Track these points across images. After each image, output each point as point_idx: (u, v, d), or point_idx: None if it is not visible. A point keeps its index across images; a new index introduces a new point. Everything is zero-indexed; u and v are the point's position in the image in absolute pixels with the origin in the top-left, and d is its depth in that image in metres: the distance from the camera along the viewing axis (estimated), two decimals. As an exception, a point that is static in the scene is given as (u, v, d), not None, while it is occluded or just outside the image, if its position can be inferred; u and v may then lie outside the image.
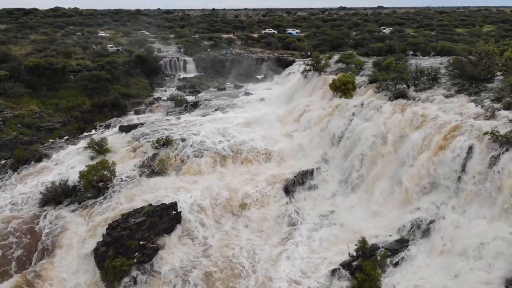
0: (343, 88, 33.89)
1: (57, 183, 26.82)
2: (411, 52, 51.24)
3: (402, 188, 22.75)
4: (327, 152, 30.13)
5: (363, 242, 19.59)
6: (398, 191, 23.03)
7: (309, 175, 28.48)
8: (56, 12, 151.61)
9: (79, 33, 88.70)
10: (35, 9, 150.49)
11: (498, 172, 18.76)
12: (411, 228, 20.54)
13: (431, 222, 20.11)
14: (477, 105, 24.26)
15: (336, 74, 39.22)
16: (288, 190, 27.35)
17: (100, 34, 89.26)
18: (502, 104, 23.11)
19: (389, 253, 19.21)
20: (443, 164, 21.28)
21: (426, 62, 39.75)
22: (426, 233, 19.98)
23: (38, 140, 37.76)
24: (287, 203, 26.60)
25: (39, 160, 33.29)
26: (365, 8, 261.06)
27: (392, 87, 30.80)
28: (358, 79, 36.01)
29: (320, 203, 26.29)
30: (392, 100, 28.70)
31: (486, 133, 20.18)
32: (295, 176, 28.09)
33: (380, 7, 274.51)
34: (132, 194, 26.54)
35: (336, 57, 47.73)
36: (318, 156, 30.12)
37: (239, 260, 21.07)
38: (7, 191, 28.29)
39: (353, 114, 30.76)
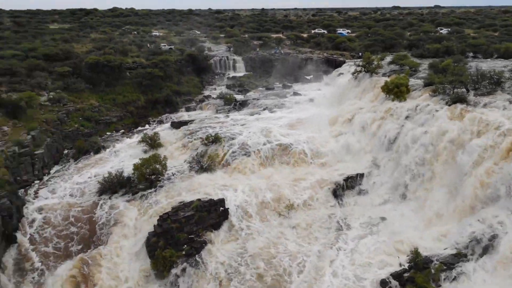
0: (396, 91, 32.70)
1: (113, 174, 28.27)
2: (471, 54, 48.48)
3: (459, 199, 21.60)
4: (378, 157, 29.27)
5: (415, 253, 18.81)
6: (455, 202, 21.89)
7: (359, 180, 27.89)
8: (114, 12, 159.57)
9: (135, 32, 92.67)
10: (95, 10, 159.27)
11: None
12: (470, 242, 19.24)
13: (494, 237, 18.71)
14: (547, 113, 22.49)
15: (388, 76, 37.99)
16: (337, 193, 26.93)
17: (154, 33, 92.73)
18: None
19: (444, 267, 18.17)
20: (508, 174, 19.87)
21: (488, 65, 37.48)
22: (487, 248, 18.62)
23: (97, 133, 40.11)
24: (335, 206, 26.23)
25: (97, 151, 35.35)
26: (420, 8, 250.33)
27: (449, 90, 29.31)
28: (412, 82, 34.58)
29: (370, 209, 25.59)
30: (449, 105, 27.23)
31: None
32: (344, 180, 27.63)
33: (437, 7, 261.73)
34: (182, 188, 27.37)
35: (388, 58, 46.20)
36: (369, 161, 29.32)
37: (283, 266, 20.93)
38: (69, 179, 30.21)
39: (406, 118, 29.59)
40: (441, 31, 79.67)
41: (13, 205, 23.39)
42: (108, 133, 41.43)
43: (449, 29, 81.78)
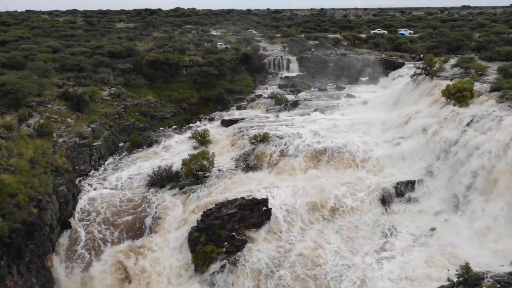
0: (458, 96, 30.56)
1: (163, 168, 29.25)
2: (549, 58, 44.03)
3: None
4: (432, 164, 27.59)
5: (466, 268, 17.40)
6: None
7: (410, 187, 26.58)
8: (177, 12, 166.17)
9: (194, 32, 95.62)
10: (159, 10, 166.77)
11: None
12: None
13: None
14: None
15: (451, 80, 35.63)
16: (385, 200, 25.90)
17: (212, 33, 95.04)
18: None
19: (498, 286, 16.68)
20: None
21: None
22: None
23: (151, 127, 41.82)
24: (382, 213, 25.27)
25: (150, 145, 36.90)
26: (493, 7, 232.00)
27: (520, 96, 26.85)
28: (477, 86, 32.22)
29: (420, 219, 24.35)
30: (518, 112, 25.02)
31: None
32: (393, 186, 26.49)
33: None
34: (227, 186, 27.68)
35: (452, 61, 43.50)
36: (422, 168, 27.80)
37: (323, 271, 20.47)
38: (122, 170, 31.80)
39: (468, 124, 27.58)
40: (515, 32, 73.25)
41: (70, 192, 25.05)
42: (161, 128, 42.97)
43: (525, 30, 74.98)
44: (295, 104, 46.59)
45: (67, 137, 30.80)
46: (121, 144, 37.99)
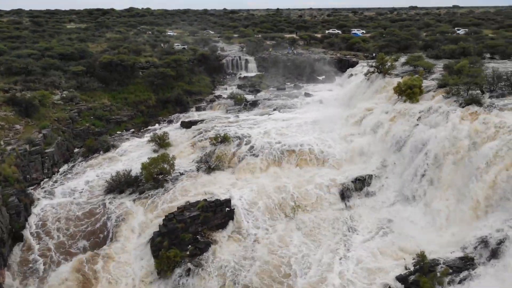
0: (409, 92, 32.10)
1: (121, 173, 28.40)
2: (488, 55, 47.31)
3: (469, 202, 21.07)
4: (387, 159, 28.80)
5: (421, 256, 18.47)
6: (464, 205, 21.40)
7: (367, 181, 27.51)
8: (131, 12, 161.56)
9: (150, 32, 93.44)
10: (112, 10, 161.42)
11: None
12: (477, 246, 18.92)
13: (501, 241, 18.26)
14: None
15: (401, 77, 37.32)
16: (344, 195, 26.66)
17: (168, 33, 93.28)
18: None
19: (450, 271, 17.85)
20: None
21: (506, 66, 36.40)
22: (495, 253, 18.16)
23: (107, 132, 40.42)
24: (342, 208, 26.00)
25: (107, 150, 35.60)
26: (438, 8, 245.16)
27: (464, 92, 28.62)
28: (426, 83, 33.95)
29: (377, 211, 25.28)
30: (463, 107, 26.68)
31: None
32: (352, 181, 27.30)
33: (455, 7, 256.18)
34: (189, 188, 27.39)
35: (402, 59, 45.51)
36: (378, 162, 28.90)
37: (288, 268, 20.82)
38: (77, 177, 30.52)
39: (418, 119, 29.04)
40: (458, 32, 77.99)
41: (21, 203, 23.72)
42: (118, 132, 41.68)
43: (467, 30, 79.99)
44: (254, 104, 46.88)
45: (16, 144, 29.16)
46: (76, 150, 36.42)
